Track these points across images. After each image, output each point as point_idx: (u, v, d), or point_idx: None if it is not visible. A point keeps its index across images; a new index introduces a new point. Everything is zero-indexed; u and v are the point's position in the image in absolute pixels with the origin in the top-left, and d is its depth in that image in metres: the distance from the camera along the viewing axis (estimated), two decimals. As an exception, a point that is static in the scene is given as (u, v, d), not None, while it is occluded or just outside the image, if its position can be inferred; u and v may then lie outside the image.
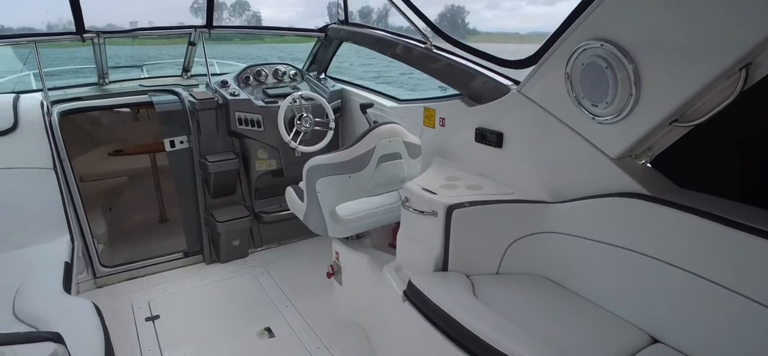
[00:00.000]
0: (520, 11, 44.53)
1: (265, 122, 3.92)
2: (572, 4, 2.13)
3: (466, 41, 3.15)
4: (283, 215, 4.15)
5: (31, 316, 2.33)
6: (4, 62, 5.31)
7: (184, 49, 4.49)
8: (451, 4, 6.79)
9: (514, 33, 18.41)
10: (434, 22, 3.27)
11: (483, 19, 40.46)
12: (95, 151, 4.85)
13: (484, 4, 44.12)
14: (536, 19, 37.27)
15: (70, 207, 3.41)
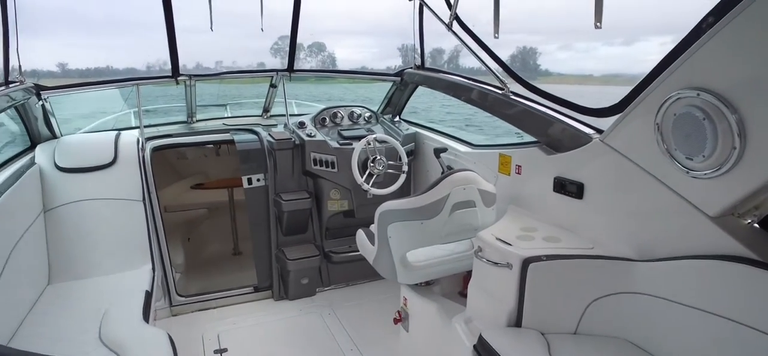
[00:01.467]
0: (595, 52, 42.75)
1: (339, 163, 3.99)
2: (651, 45, 2.00)
3: (538, 83, 3.07)
4: (352, 256, 4.15)
5: (113, 342, 2.45)
6: (111, 101, 5.83)
7: (263, 88, 4.71)
8: (523, 46, 6.77)
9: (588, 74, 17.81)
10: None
11: (556, 61, 39.32)
12: (179, 183, 5.15)
13: (558, 45, 42.40)
14: (612, 60, 35.81)
15: (153, 237, 3.61)
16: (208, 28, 3.75)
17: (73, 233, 3.34)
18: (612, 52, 16.66)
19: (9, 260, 2.67)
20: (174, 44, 3.80)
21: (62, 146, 3.61)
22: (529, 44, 5.97)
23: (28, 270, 2.99)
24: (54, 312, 2.87)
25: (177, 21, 3.68)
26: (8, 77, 3.20)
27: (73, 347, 2.44)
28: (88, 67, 4.86)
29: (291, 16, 4.09)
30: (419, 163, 4.46)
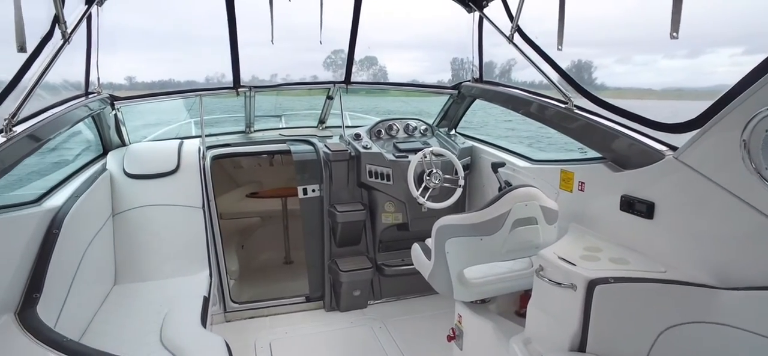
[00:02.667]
0: (655, 65, 38.70)
1: (394, 176, 3.97)
2: (719, 57, 1.86)
3: (599, 97, 2.95)
4: (404, 269, 4.11)
5: (173, 345, 2.51)
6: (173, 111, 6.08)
7: (317, 100, 4.78)
8: (578, 60, 6.59)
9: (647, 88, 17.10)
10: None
11: (612, 74, 35.80)
12: (235, 191, 5.28)
13: (615, 58, 38.98)
14: (674, 73, 32.42)
15: (211, 243, 3.71)
16: (263, 42, 3.84)
17: (138, 237, 3.49)
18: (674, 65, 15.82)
19: (83, 261, 2.80)
20: (236, 57, 3.93)
21: (130, 153, 3.78)
22: (585, 57, 5.79)
23: (98, 271, 3.13)
24: (119, 312, 2.98)
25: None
26: (88, 89, 3.41)
27: (136, 348, 2.52)
28: (152, 79, 5.14)
29: (349, 30, 4.12)
30: (475, 177, 4.38)
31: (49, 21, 2.58)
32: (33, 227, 2.44)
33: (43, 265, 2.39)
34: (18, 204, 2.56)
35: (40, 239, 2.47)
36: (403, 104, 15.03)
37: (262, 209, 5.23)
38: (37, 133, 2.39)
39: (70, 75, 3.22)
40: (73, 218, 2.70)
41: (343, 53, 4.94)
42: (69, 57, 2.78)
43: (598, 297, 2.12)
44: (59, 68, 2.66)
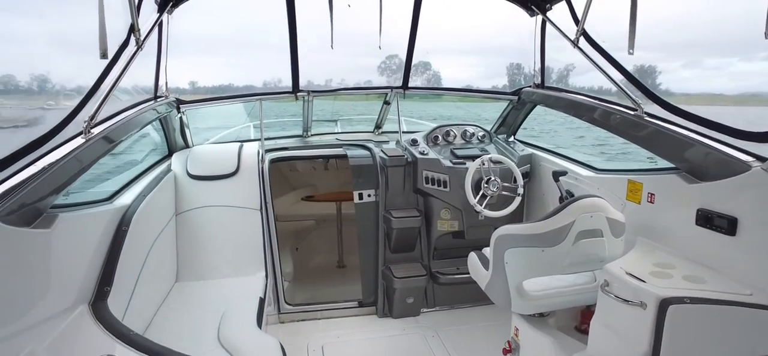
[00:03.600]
0: (728, 69, 35.03)
1: (451, 183, 3.91)
2: None
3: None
4: (459, 278, 4.03)
5: (230, 345, 2.56)
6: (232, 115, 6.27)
7: (372, 106, 4.78)
8: (641, 64, 6.17)
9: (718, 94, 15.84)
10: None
11: (679, 79, 32.93)
12: (290, 194, 5.37)
13: (682, 62, 35.95)
14: (750, 77, 28.90)
15: (267, 245, 3.78)
16: (317, 47, 3.91)
17: (199, 236, 3.60)
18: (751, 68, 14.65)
19: (148, 257, 2.92)
20: (296, 62, 3.99)
21: (194, 155, 3.92)
22: (648, 62, 5.45)
23: (162, 268, 3.25)
24: (180, 309, 3.08)
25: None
26: (157, 92, 3.57)
27: (195, 346, 2.58)
28: (213, 84, 5.37)
29: (408, 35, 4.10)
30: (534, 186, 4.24)
31: (126, 30, 2.71)
32: (105, 223, 2.56)
33: (114, 260, 2.50)
34: (93, 201, 2.70)
35: (111, 235, 2.59)
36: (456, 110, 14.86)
37: (317, 212, 5.29)
38: (111, 134, 2.50)
39: (139, 79, 3.39)
40: (140, 216, 2.81)
41: (397, 59, 4.92)
42: (140, 62, 2.91)
43: (672, 318, 1.98)
44: (130, 73, 2.79)
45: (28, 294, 1.88)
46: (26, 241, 1.84)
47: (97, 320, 2.19)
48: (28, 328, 1.85)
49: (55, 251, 2.01)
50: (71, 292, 2.19)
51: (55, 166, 2.02)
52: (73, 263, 2.23)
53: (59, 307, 2.09)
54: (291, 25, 3.77)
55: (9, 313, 1.75)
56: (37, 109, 2.51)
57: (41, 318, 1.94)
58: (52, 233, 1.98)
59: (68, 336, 2.03)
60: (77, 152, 2.19)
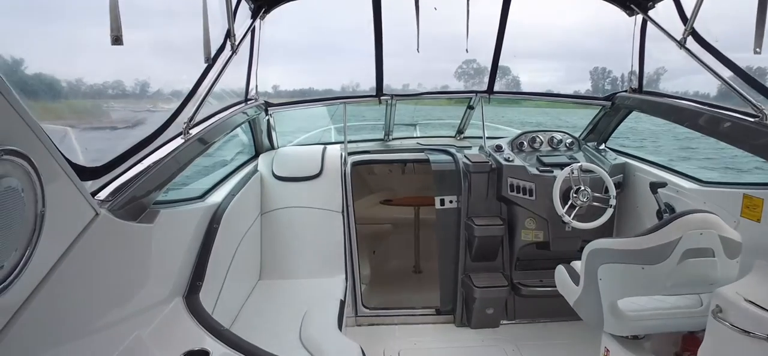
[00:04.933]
0: None
1: (537, 191, 3.74)
2: None
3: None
4: (542, 290, 3.85)
5: (311, 345, 2.59)
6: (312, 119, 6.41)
7: (451, 111, 4.69)
8: (748, 65, 5.41)
9: (840, 99, 13.50)
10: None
11: None
12: (368, 197, 5.39)
13: None
14: None
15: (347, 248, 3.80)
16: (395, 52, 3.92)
17: (283, 236, 3.69)
18: None
19: (235, 255, 3.02)
20: (381, 66, 4.00)
21: (279, 156, 4.03)
22: (755, 63, 4.86)
23: (247, 265, 3.35)
24: (263, 307, 3.16)
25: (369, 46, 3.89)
26: (247, 96, 3.71)
27: (278, 344, 2.62)
28: (294, 88, 5.54)
29: (495, 37, 3.99)
30: (628, 197, 3.96)
31: (222, 36, 2.82)
32: (198, 220, 2.68)
33: (206, 255, 2.60)
34: (187, 199, 2.83)
35: (204, 232, 2.70)
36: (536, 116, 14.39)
37: (395, 216, 5.27)
38: (207, 135, 2.61)
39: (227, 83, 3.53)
40: (229, 214, 2.92)
41: (475, 63, 4.81)
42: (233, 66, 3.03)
43: None
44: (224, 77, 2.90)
45: (135, 283, 1.99)
46: (133, 234, 1.95)
47: (191, 313, 2.28)
48: (135, 314, 1.96)
49: (156, 245, 2.12)
50: (168, 284, 2.30)
51: (158, 164, 2.13)
52: (170, 257, 2.34)
53: (158, 298, 2.19)
54: (377, 29, 3.78)
55: (120, 299, 1.87)
56: (142, 112, 2.67)
57: (144, 306, 2.05)
58: (154, 227, 2.08)
59: (166, 325, 2.13)
60: (177, 151, 2.30)
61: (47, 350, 1.44)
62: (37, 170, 1.29)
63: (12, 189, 1.20)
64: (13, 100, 1.22)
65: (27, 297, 1.36)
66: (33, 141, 1.29)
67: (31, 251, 1.31)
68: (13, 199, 1.21)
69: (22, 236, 1.28)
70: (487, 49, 4.13)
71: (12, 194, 1.20)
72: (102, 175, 1.85)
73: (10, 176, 1.19)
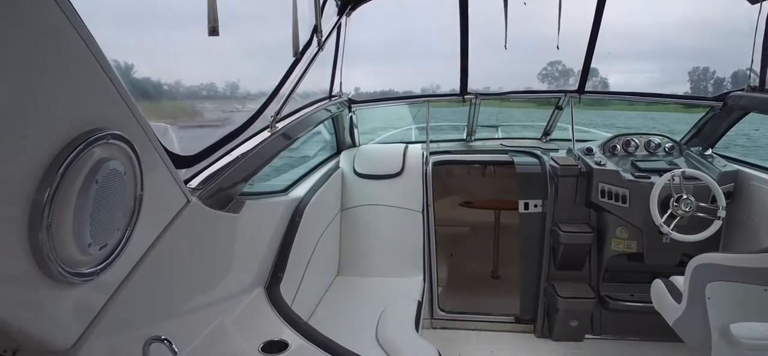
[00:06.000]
0: None
1: (631, 198, 3.46)
2: None
3: None
4: (634, 305, 3.57)
5: (388, 345, 2.56)
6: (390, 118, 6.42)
7: (531, 113, 4.50)
8: None
9: None
10: None
11: None
12: (447, 199, 5.29)
13: None
14: None
15: (426, 249, 3.74)
16: (477, 54, 3.83)
17: (362, 233, 3.71)
18: None
19: (315, 250, 3.06)
20: (466, 64, 3.92)
21: (361, 153, 4.06)
22: None
23: (326, 260, 3.40)
24: (340, 303, 3.18)
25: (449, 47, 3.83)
26: (331, 92, 3.77)
27: (353, 341, 2.61)
28: (374, 89, 5.60)
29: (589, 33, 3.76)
30: (740, 209, 3.55)
31: (309, 32, 2.87)
32: (281, 213, 2.74)
33: (287, 248, 2.65)
34: (271, 192, 2.91)
35: (286, 225, 2.76)
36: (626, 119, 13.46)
37: (473, 219, 5.13)
38: (292, 129, 2.67)
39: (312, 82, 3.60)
40: (311, 209, 2.96)
41: (560, 65, 4.59)
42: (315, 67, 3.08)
43: None
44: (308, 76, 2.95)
45: (220, 271, 2.06)
46: (220, 223, 2.02)
47: (271, 303, 2.33)
48: (218, 301, 2.02)
49: (241, 234, 2.18)
50: (251, 274, 2.36)
51: (246, 156, 2.20)
52: (253, 248, 2.41)
53: (241, 287, 2.26)
54: (463, 26, 3.70)
55: (206, 285, 1.94)
56: (230, 112, 2.78)
57: (227, 294, 2.12)
58: (240, 218, 2.15)
59: (247, 314, 2.18)
60: (264, 144, 2.36)
61: (140, 328, 1.51)
62: (138, 155, 1.35)
63: (116, 172, 1.26)
64: (122, 89, 1.28)
65: (126, 276, 1.44)
66: (135, 128, 1.36)
67: (130, 232, 1.37)
68: (117, 181, 1.27)
69: (123, 218, 1.35)
70: (574, 50, 3.94)
71: (116, 176, 1.26)
72: (194, 164, 1.92)
73: (115, 159, 1.26)
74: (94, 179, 1.18)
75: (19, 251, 1.05)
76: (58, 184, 1.08)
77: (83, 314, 1.30)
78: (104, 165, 1.21)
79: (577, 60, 4.00)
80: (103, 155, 1.21)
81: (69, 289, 1.22)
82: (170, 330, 1.44)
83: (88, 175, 1.16)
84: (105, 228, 1.26)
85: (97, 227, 1.22)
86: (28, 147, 1.04)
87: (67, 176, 1.10)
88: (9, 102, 0.98)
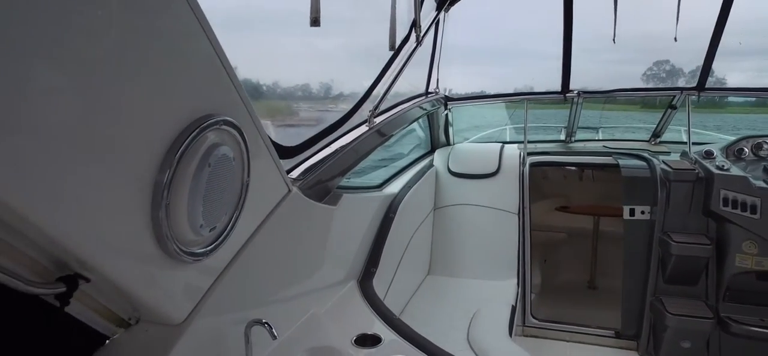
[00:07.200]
0: None
1: (763, 209, 3.08)
2: None
3: None
4: (763, 332, 3.16)
5: (480, 349, 2.49)
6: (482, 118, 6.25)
7: (636, 117, 4.16)
8: None
9: None
10: None
11: None
12: (542, 202, 5.04)
13: None
14: None
15: (520, 252, 3.59)
16: (576, 54, 3.61)
17: (454, 233, 3.65)
18: None
19: (408, 247, 3.04)
20: (568, 61, 3.72)
21: (455, 152, 3.99)
22: None
23: (417, 259, 3.37)
24: (431, 302, 3.13)
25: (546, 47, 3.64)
26: (428, 89, 3.74)
27: (443, 342, 2.55)
28: (466, 91, 5.50)
29: (714, 23, 3.40)
30: None
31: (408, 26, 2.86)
32: (375, 208, 2.74)
33: (381, 244, 2.65)
34: (366, 187, 2.92)
35: (380, 221, 2.76)
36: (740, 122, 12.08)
37: (570, 225, 4.86)
38: (387, 127, 2.67)
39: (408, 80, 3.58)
40: (405, 206, 2.94)
41: (668, 65, 4.22)
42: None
43: None
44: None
45: (316, 262, 2.09)
46: (318, 214, 2.04)
47: (364, 297, 2.33)
48: (313, 292, 2.05)
49: (336, 227, 2.20)
50: (345, 267, 2.38)
51: (344, 149, 2.22)
52: (348, 241, 2.43)
53: (335, 279, 2.28)
54: (567, 20, 3.51)
55: (302, 275, 1.97)
56: (320, 111, 2.83)
57: (322, 285, 2.14)
58: (337, 210, 2.17)
59: (341, 307, 2.20)
60: (361, 138, 2.37)
61: (240, 311, 1.56)
62: (247, 142, 1.38)
63: (226, 157, 1.30)
64: (234, 78, 1.33)
65: (230, 259, 1.48)
66: (244, 116, 1.39)
67: (237, 216, 1.42)
68: (227, 166, 1.31)
69: (230, 202, 1.39)
70: (684, 49, 3.58)
71: (226, 161, 1.30)
72: (295, 154, 1.96)
73: (226, 145, 1.30)
74: (207, 162, 1.22)
75: (143, 228, 1.11)
76: (176, 166, 1.13)
77: (193, 292, 1.36)
78: (216, 150, 1.25)
79: (688, 59, 3.66)
80: (215, 141, 1.25)
81: (182, 267, 1.27)
82: (267, 316, 1.47)
83: (201, 159, 1.21)
84: (215, 211, 1.30)
85: (209, 209, 1.27)
86: (154, 130, 1.10)
87: (183, 159, 1.15)
88: (140, 86, 1.04)
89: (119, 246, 1.09)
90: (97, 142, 0.96)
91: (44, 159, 0.86)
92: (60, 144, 0.88)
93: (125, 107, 1.01)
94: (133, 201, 1.08)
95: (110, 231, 1.05)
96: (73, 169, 0.93)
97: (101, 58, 0.93)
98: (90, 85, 0.92)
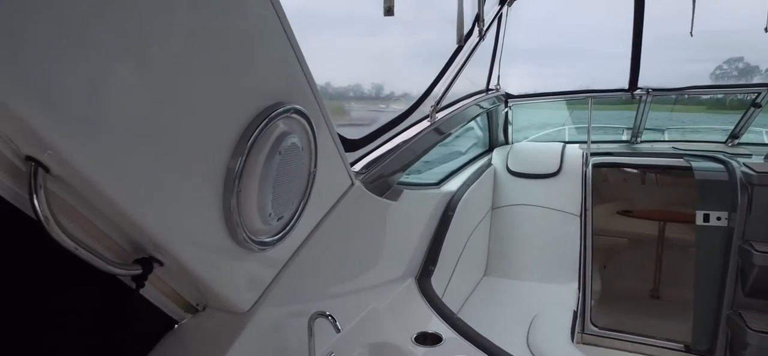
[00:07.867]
0: None
1: None
2: None
3: None
4: None
5: (539, 352, 2.42)
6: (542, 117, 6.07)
7: (706, 119, 3.90)
8: None
9: None
10: None
11: None
12: (602, 205, 4.83)
13: None
14: None
15: (582, 256, 3.44)
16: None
17: (513, 234, 3.55)
18: None
19: (466, 246, 2.97)
20: (638, 57, 3.54)
21: (514, 151, 3.89)
22: None
23: (475, 259, 3.29)
24: (487, 304, 3.05)
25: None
26: (488, 85, 3.66)
27: (502, 345, 2.48)
28: (526, 91, 5.38)
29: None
30: None
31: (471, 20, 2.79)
32: (434, 205, 2.69)
33: (439, 242, 2.60)
34: (425, 183, 2.88)
35: (439, 218, 2.71)
36: None
37: (632, 230, 4.63)
38: (447, 124, 2.62)
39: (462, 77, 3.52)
40: (463, 205, 2.88)
41: (740, 62, 3.93)
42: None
43: None
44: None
45: (376, 257, 2.06)
46: (379, 209, 2.02)
47: (423, 295, 2.28)
48: (373, 287, 2.03)
49: (396, 223, 2.17)
50: (403, 263, 2.35)
51: (406, 144, 2.18)
52: (407, 237, 2.39)
53: (394, 275, 2.25)
54: (637, 14, 3.33)
55: (362, 269, 1.95)
56: (372, 111, 2.81)
57: (382, 281, 2.11)
58: (397, 206, 2.13)
59: (400, 303, 2.17)
60: (423, 134, 2.33)
61: (303, 303, 1.54)
62: (315, 133, 1.36)
63: (295, 147, 1.28)
64: (305, 67, 1.31)
65: (295, 250, 1.47)
66: (313, 106, 1.38)
67: (303, 206, 1.40)
68: (296, 156, 1.30)
69: (298, 192, 1.37)
70: (761, 45, 3.31)
71: (295, 151, 1.29)
72: (358, 148, 1.94)
73: (295, 133, 1.28)
74: (277, 151, 1.21)
75: (215, 214, 1.11)
76: (247, 153, 1.12)
77: (259, 281, 1.36)
78: (286, 138, 1.24)
79: (763, 56, 3.39)
80: (285, 129, 1.24)
81: (249, 256, 1.27)
82: (328, 308, 1.45)
83: (272, 146, 1.20)
84: (283, 200, 1.29)
85: (278, 198, 1.26)
86: (227, 118, 1.10)
87: (255, 146, 1.14)
88: (216, 76, 1.04)
89: (192, 231, 1.09)
90: (176, 132, 0.97)
91: (129, 150, 0.89)
92: (142, 136, 0.91)
93: (202, 97, 1.01)
94: (207, 188, 1.08)
95: (185, 216, 1.06)
96: (154, 158, 0.95)
97: (181, 53, 0.94)
98: (170, 79, 0.93)
